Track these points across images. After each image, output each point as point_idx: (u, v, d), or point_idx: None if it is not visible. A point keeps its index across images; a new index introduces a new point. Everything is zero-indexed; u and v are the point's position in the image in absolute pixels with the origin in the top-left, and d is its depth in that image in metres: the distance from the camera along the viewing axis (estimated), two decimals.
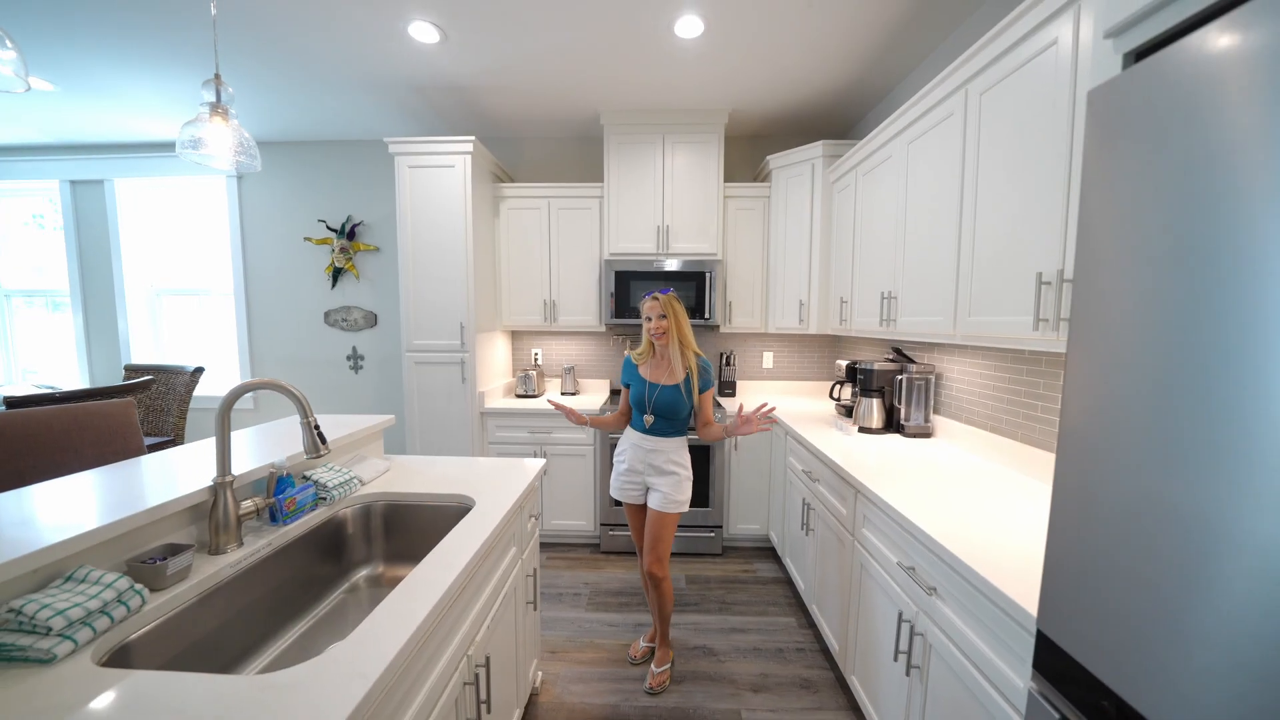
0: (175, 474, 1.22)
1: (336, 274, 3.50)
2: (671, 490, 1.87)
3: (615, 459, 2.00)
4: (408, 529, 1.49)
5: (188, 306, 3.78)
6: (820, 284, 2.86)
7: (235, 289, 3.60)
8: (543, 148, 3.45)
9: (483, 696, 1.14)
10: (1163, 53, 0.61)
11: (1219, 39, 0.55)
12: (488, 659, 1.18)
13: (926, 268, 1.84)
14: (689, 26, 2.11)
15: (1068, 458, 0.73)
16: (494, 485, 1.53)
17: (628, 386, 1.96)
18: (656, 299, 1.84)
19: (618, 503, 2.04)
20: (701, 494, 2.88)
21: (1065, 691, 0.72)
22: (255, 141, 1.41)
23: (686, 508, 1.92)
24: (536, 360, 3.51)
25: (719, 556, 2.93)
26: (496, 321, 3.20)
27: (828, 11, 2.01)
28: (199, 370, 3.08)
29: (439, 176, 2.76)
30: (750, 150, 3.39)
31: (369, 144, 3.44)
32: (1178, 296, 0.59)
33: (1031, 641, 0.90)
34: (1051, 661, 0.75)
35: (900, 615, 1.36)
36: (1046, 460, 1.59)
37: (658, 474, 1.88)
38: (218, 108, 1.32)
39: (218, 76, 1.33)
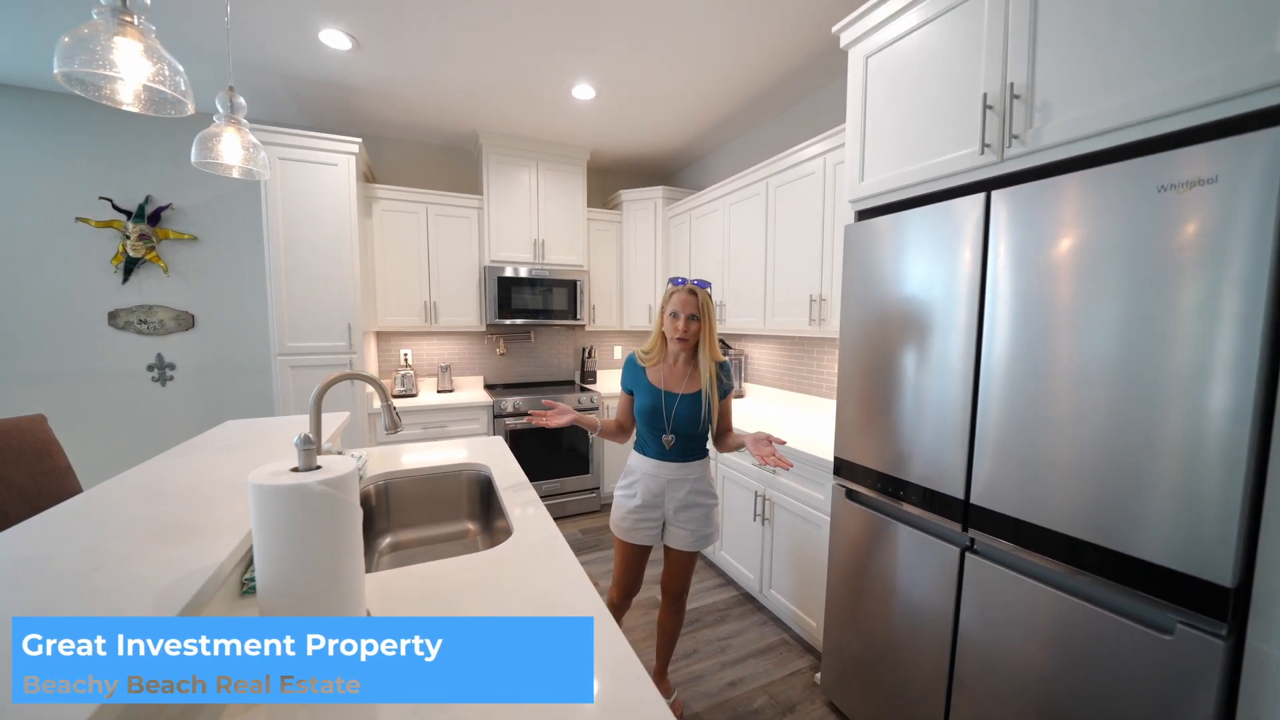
0: (204, 480, 1.30)
1: (130, 266, 2.85)
2: (701, 525, 1.58)
3: (621, 490, 1.65)
4: (418, 499, 1.75)
5: None
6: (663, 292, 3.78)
7: None
8: (408, 151, 3.50)
9: None
10: (870, 220, 1.59)
11: (897, 220, 1.53)
12: None
13: (744, 288, 2.89)
14: (584, 92, 2.72)
15: (845, 371, 1.69)
16: (488, 456, 1.90)
17: (630, 393, 1.62)
18: (694, 294, 1.46)
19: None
20: (582, 461, 3.51)
21: (848, 477, 1.68)
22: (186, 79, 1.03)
23: (717, 537, 1.64)
24: (407, 360, 3.54)
25: (599, 512, 3.61)
26: (372, 322, 3.17)
27: (689, 101, 2.89)
28: None
29: (317, 173, 2.68)
30: (598, 181, 4.12)
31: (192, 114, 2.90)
32: (887, 315, 1.56)
33: (830, 475, 1.89)
34: (842, 468, 1.71)
35: (756, 494, 2.31)
36: (812, 400, 2.79)
37: (682, 509, 1.56)
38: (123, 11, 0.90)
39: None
